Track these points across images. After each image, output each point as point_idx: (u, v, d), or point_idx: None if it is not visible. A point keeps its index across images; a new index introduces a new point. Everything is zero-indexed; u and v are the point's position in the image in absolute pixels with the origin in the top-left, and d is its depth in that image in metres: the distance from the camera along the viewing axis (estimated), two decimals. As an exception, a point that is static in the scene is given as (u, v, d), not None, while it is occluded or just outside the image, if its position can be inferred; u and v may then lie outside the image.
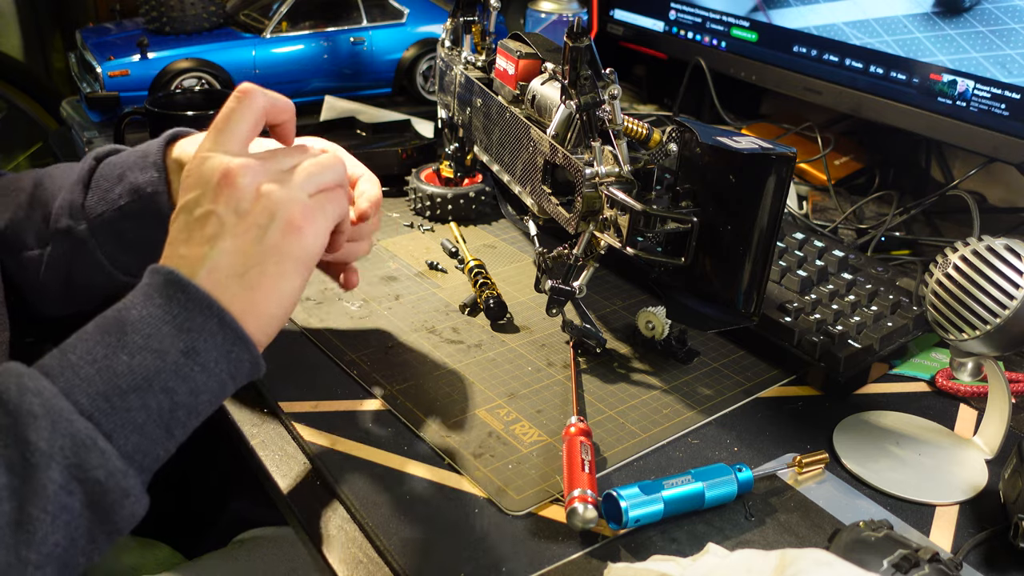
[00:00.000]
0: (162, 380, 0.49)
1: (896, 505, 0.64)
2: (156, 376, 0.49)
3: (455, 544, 0.59)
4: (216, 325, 0.51)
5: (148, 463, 0.49)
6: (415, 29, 1.22)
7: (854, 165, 1.16)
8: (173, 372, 0.49)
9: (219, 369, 0.51)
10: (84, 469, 0.46)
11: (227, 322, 0.51)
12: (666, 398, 0.75)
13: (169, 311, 0.50)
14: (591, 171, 0.69)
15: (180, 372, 0.49)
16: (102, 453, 0.46)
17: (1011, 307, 0.61)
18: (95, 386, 0.48)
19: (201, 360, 0.50)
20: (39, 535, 0.44)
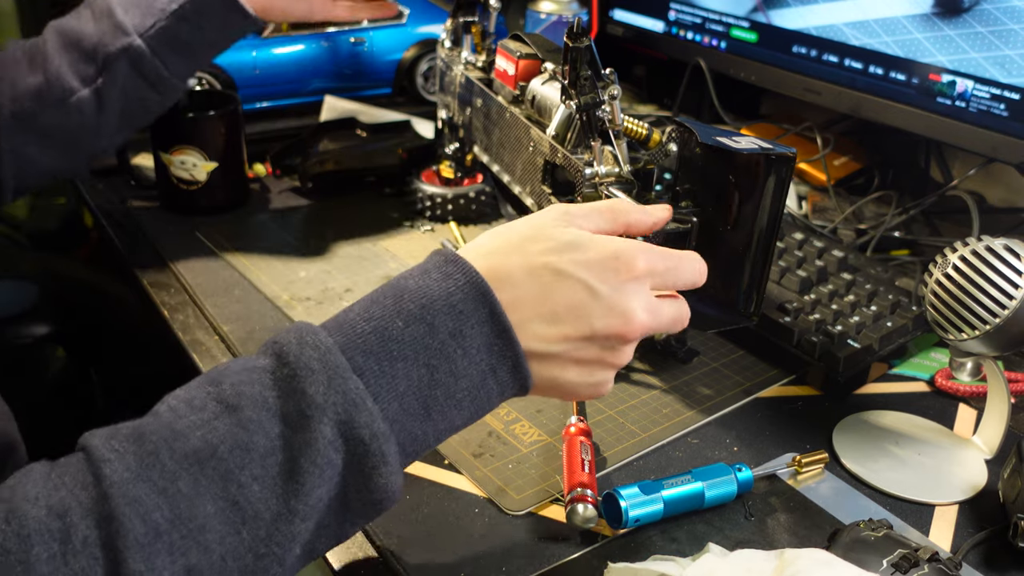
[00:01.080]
0: (427, 355, 0.48)
1: (896, 505, 0.64)
2: (423, 350, 0.48)
3: (455, 544, 0.59)
4: (487, 314, 0.50)
5: (405, 438, 0.48)
6: (415, 29, 1.22)
7: (853, 165, 1.16)
8: (439, 350, 0.49)
9: (480, 359, 0.50)
10: (352, 427, 0.46)
11: (498, 315, 0.50)
12: (666, 398, 0.75)
13: (444, 288, 0.50)
14: (591, 171, 0.69)
15: (444, 351, 0.49)
16: (370, 413, 0.46)
17: (1010, 307, 0.61)
18: (370, 345, 0.48)
19: (465, 345, 0.49)
20: (307, 487, 0.45)
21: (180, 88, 0.89)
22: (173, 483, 0.42)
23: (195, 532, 0.42)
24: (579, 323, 0.52)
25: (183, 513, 0.42)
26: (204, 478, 0.43)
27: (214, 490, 0.43)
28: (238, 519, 0.43)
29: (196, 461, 0.43)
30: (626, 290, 0.53)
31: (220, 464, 0.43)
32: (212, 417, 0.45)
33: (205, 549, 0.42)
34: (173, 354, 0.83)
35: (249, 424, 0.44)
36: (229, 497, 0.43)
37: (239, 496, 0.43)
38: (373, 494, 0.47)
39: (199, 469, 0.43)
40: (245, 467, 0.44)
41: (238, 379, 0.46)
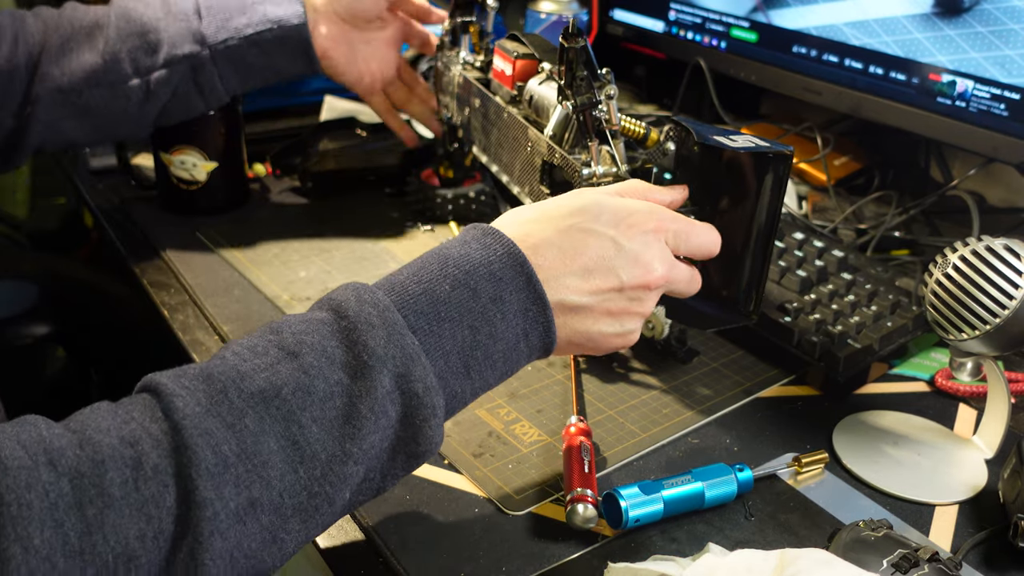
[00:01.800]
0: (471, 318, 0.52)
1: (896, 505, 0.64)
2: (467, 313, 0.52)
3: (455, 544, 0.59)
4: (524, 282, 0.54)
5: (448, 395, 0.52)
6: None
7: (853, 165, 1.16)
8: (480, 314, 0.52)
9: (516, 323, 0.54)
10: (408, 380, 0.49)
11: (534, 283, 0.54)
12: (666, 398, 0.75)
13: (485, 256, 0.54)
14: (588, 171, 0.69)
15: (486, 315, 0.52)
16: (424, 368, 0.49)
17: (1010, 307, 0.61)
18: (421, 306, 0.51)
19: (504, 309, 0.53)
20: (362, 432, 0.47)
21: (225, 99, 0.92)
22: (240, 419, 0.45)
23: (259, 467, 0.44)
24: (608, 276, 0.57)
25: (248, 448, 0.44)
26: (268, 416, 0.45)
27: (277, 428, 0.45)
28: (297, 457, 0.46)
29: (261, 400, 0.45)
30: (646, 241, 0.58)
31: (283, 404, 0.46)
32: (275, 361, 0.47)
33: (267, 484, 0.44)
34: (173, 354, 0.83)
35: (311, 369, 0.47)
36: (290, 436, 0.45)
37: (299, 436, 0.46)
38: (420, 446, 0.50)
39: (264, 408, 0.45)
40: (306, 408, 0.46)
41: (299, 328, 0.49)
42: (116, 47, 0.83)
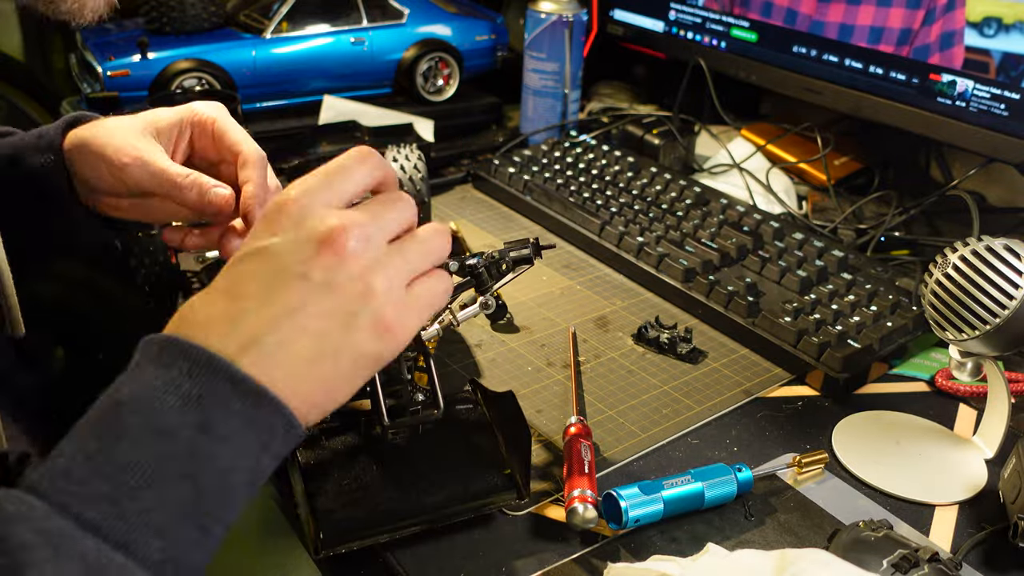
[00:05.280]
0: (178, 465, 0.40)
1: (896, 505, 0.64)
2: (169, 463, 0.40)
3: (455, 544, 0.59)
4: (227, 386, 0.41)
5: (185, 572, 0.40)
6: (415, 29, 1.22)
7: (854, 165, 1.16)
8: (190, 454, 0.40)
9: (246, 441, 0.42)
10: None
11: (240, 380, 0.42)
12: (666, 398, 0.75)
13: (169, 380, 0.41)
14: None
15: (198, 452, 0.40)
16: (121, 569, 0.38)
17: (1010, 307, 0.61)
18: (95, 488, 0.39)
19: (220, 433, 0.41)
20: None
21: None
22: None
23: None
24: (276, 272, 0.44)
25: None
26: None
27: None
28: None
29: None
30: (299, 211, 0.46)
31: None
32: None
33: None
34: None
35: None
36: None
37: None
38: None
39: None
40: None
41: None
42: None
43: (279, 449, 0.43)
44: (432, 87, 1.23)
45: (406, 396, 0.59)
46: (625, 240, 0.94)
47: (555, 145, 1.15)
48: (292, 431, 0.43)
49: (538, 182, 1.06)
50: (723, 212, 0.99)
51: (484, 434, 0.64)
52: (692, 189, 1.03)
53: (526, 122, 1.23)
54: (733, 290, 0.85)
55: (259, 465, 0.43)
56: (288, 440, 0.43)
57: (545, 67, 1.19)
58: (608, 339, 0.83)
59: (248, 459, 0.42)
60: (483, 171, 1.12)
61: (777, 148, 1.17)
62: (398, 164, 0.91)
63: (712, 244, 0.92)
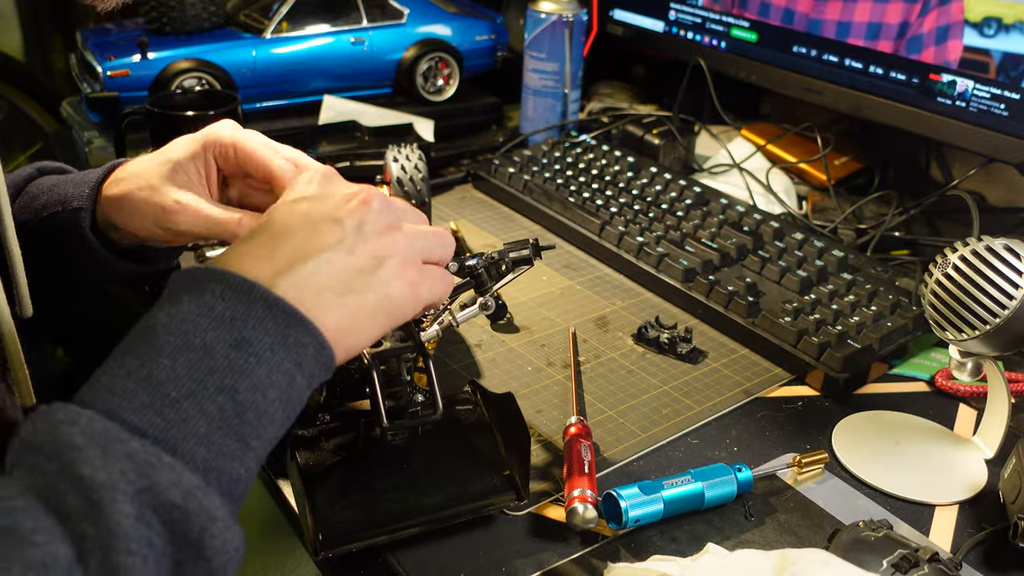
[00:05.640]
0: (216, 379, 0.42)
1: (896, 505, 0.64)
2: (208, 376, 0.42)
3: (455, 544, 0.59)
4: (262, 308, 0.44)
5: (227, 484, 0.41)
6: (415, 29, 1.21)
7: (854, 165, 1.16)
8: (226, 368, 0.42)
9: (279, 358, 0.44)
10: (155, 492, 0.38)
11: (274, 302, 0.44)
12: (666, 398, 0.75)
13: (203, 304, 0.44)
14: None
15: (235, 367, 0.42)
16: (171, 469, 0.39)
17: (1011, 307, 0.61)
18: (138, 399, 0.40)
19: (255, 350, 0.43)
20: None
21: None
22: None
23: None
24: (318, 221, 0.49)
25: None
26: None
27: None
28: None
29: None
30: (328, 179, 0.54)
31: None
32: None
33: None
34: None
35: (33, 549, 0.35)
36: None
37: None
38: (211, 561, 0.39)
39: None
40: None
41: (4, 507, 0.36)
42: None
43: (312, 370, 0.45)
44: (432, 87, 1.23)
45: (405, 397, 0.59)
46: (625, 240, 0.94)
47: (555, 145, 1.15)
48: (323, 353, 0.46)
49: (538, 182, 1.06)
50: (723, 212, 0.99)
51: (483, 435, 0.64)
52: (692, 189, 1.03)
53: (526, 122, 1.23)
54: (733, 290, 0.85)
55: (293, 385, 0.44)
56: (319, 363, 0.46)
57: (545, 67, 1.19)
58: (608, 339, 0.83)
59: (282, 376, 0.44)
60: (483, 171, 1.12)
61: (777, 148, 1.17)
62: (398, 164, 0.91)
63: (712, 244, 0.92)
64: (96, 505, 0.37)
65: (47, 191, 0.68)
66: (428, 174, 0.92)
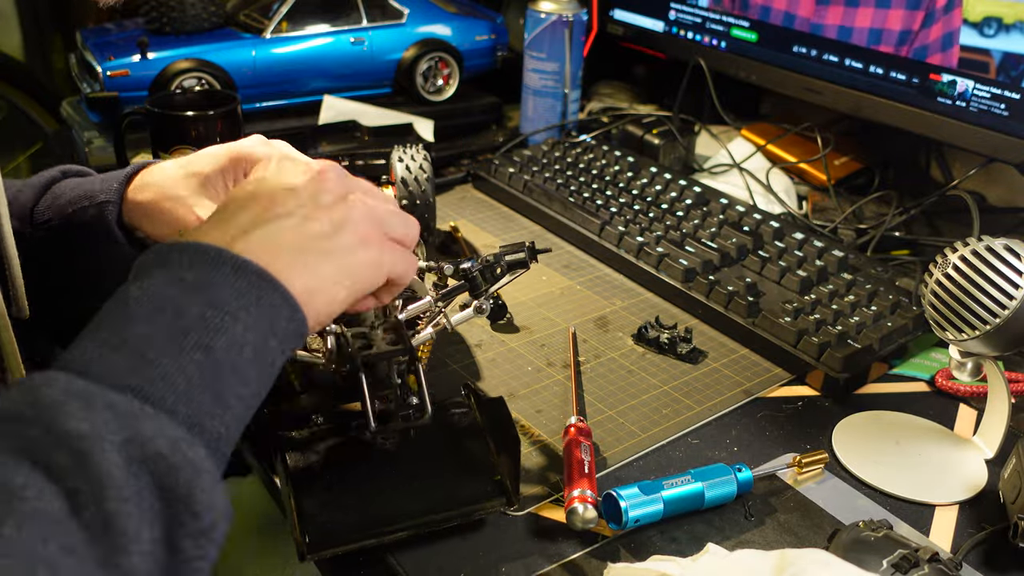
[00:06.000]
0: (192, 338, 0.41)
1: (896, 505, 0.64)
2: (183, 336, 0.41)
3: (455, 544, 0.59)
4: (231, 271, 0.44)
5: (211, 440, 0.41)
6: (415, 29, 1.21)
7: (854, 165, 1.16)
8: (202, 327, 0.42)
9: (252, 318, 0.43)
10: (140, 443, 0.37)
11: (242, 265, 0.44)
12: (666, 398, 0.75)
13: (171, 274, 0.43)
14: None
15: (210, 325, 0.42)
16: (154, 419, 0.38)
17: (1011, 307, 0.61)
18: (115, 363, 0.40)
19: (229, 309, 0.43)
20: (131, 532, 0.35)
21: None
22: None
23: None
24: (276, 191, 0.49)
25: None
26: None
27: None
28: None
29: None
30: (288, 150, 0.56)
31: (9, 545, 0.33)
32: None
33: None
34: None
35: (23, 503, 0.34)
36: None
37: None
38: (201, 519, 0.38)
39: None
40: (49, 540, 0.33)
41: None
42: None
43: (284, 332, 0.45)
44: (432, 87, 1.23)
45: (396, 400, 0.59)
46: (625, 240, 0.94)
47: (555, 145, 1.15)
48: (295, 315, 0.45)
49: (538, 182, 1.06)
50: (723, 212, 0.99)
51: (476, 439, 0.64)
52: (692, 189, 1.03)
53: (526, 122, 1.23)
54: (733, 290, 0.85)
55: (267, 347, 0.44)
56: (292, 326, 0.45)
57: (545, 67, 1.19)
58: (608, 339, 0.83)
59: (257, 336, 0.43)
60: (483, 171, 1.12)
61: (777, 148, 1.17)
62: (404, 164, 0.91)
63: (712, 244, 0.92)
64: (84, 456, 0.36)
65: (72, 189, 0.68)
66: (433, 174, 0.92)
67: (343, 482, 0.60)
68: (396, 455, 0.62)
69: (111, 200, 0.65)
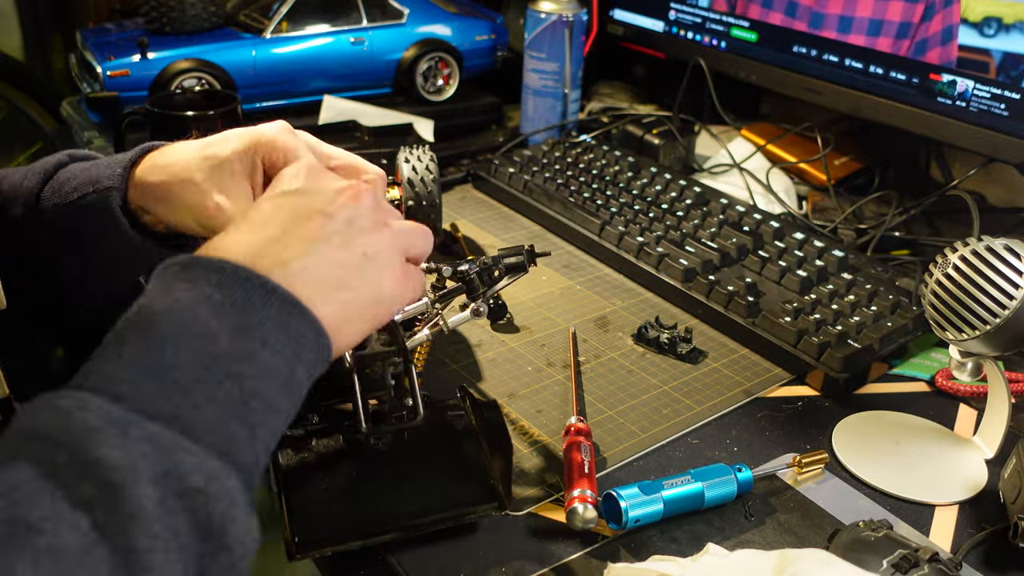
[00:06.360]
0: (223, 365, 0.40)
1: (896, 505, 0.64)
2: (214, 362, 0.40)
3: (455, 544, 0.59)
4: (262, 296, 0.43)
5: (243, 472, 0.40)
6: (415, 29, 1.21)
7: (854, 165, 1.16)
8: (232, 354, 0.41)
9: (281, 344, 0.43)
10: (177, 477, 0.37)
11: (273, 289, 0.43)
12: (666, 398, 0.75)
13: (199, 293, 0.42)
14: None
15: (240, 352, 0.41)
16: (192, 452, 0.38)
17: (1011, 307, 0.61)
18: (146, 386, 0.39)
19: (259, 335, 0.42)
20: (156, 568, 0.35)
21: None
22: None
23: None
24: (309, 213, 0.48)
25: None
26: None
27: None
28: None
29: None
30: (320, 172, 0.55)
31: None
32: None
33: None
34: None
35: (41, 537, 0.33)
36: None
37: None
38: (234, 551, 0.38)
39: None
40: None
41: (9, 499, 0.34)
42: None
43: (311, 362, 0.44)
44: (432, 87, 1.23)
45: (390, 401, 0.59)
46: (625, 240, 0.94)
47: (555, 145, 1.15)
48: (322, 344, 0.45)
49: (538, 182, 1.06)
50: (723, 212, 0.99)
51: (469, 442, 0.64)
52: (692, 189, 1.03)
53: (526, 122, 1.23)
54: (733, 290, 0.85)
55: (294, 375, 0.43)
56: (319, 354, 0.45)
57: (545, 67, 1.19)
58: (608, 339, 0.83)
59: (285, 364, 0.43)
60: (483, 171, 1.12)
61: (777, 148, 1.17)
62: (410, 165, 0.91)
63: (712, 244, 0.92)
64: (116, 487, 0.35)
65: (78, 175, 0.67)
66: (439, 175, 0.92)
67: (334, 482, 0.60)
68: (389, 456, 0.62)
69: (115, 186, 0.64)
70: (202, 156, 0.62)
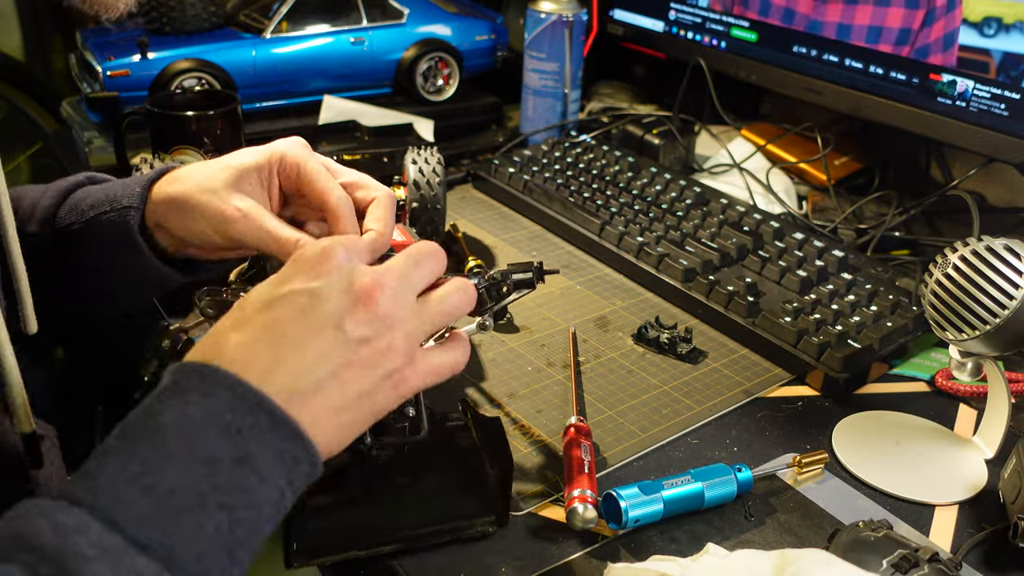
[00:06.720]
0: (218, 496, 0.41)
1: (896, 505, 0.64)
2: (211, 492, 0.41)
3: (455, 544, 0.59)
4: (267, 422, 0.43)
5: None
6: (415, 29, 1.21)
7: (854, 165, 1.16)
8: (228, 485, 0.42)
9: (276, 475, 0.43)
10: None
11: (279, 418, 0.44)
12: (666, 398, 0.75)
13: (212, 411, 0.43)
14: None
15: (236, 484, 0.42)
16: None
17: (1011, 307, 0.61)
18: (142, 509, 0.40)
19: (257, 466, 0.43)
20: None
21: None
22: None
23: None
24: (318, 326, 0.47)
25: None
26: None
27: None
28: None
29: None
30: (336, 267, 0.49)
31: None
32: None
33: None
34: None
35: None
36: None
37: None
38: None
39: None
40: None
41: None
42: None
43: (299, 485, 0.45)
44: (432, 87, 1.23)
45: (393, 414, 0.59)
46: (625, 240, 0.94)
47: (555, 145, 1.15)
48: (313, 470, 0.45)
49: (538, 182, 1.06)
50: (723, 212, 0.99)
51: (470, 457, 0.64)
52: (692, 189, 1.03)
53: (526, 122, 1.23)
54: (733, 290, 0.85)
55: (283, 500, 0.44)
56: (310, 474, 0.46)
57: (545, 67, 1.19)
58: (608, 339, 0.83)
59: (276, 493, 0.44)
60: (483, 171, 1.12)
61: (777, 148, 1.17)
62: (417, 167, 0.91)
63: (712, 244, 0.92)
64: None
65: (96, 193, 0.68)
66: (445, 177, 0.92)
67: (333, 493, 0.60)
68: (389, 467, 0.62)
69: (134, 205, 0.65)
70: (220, 167, 0.63)
